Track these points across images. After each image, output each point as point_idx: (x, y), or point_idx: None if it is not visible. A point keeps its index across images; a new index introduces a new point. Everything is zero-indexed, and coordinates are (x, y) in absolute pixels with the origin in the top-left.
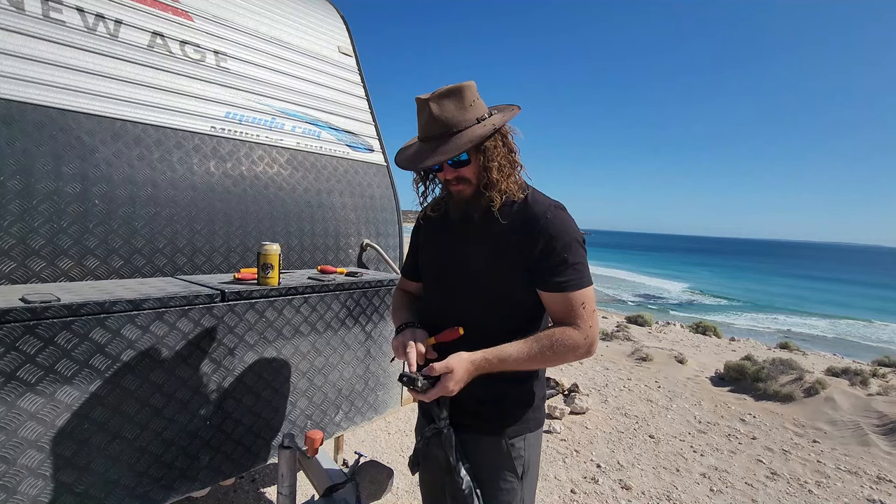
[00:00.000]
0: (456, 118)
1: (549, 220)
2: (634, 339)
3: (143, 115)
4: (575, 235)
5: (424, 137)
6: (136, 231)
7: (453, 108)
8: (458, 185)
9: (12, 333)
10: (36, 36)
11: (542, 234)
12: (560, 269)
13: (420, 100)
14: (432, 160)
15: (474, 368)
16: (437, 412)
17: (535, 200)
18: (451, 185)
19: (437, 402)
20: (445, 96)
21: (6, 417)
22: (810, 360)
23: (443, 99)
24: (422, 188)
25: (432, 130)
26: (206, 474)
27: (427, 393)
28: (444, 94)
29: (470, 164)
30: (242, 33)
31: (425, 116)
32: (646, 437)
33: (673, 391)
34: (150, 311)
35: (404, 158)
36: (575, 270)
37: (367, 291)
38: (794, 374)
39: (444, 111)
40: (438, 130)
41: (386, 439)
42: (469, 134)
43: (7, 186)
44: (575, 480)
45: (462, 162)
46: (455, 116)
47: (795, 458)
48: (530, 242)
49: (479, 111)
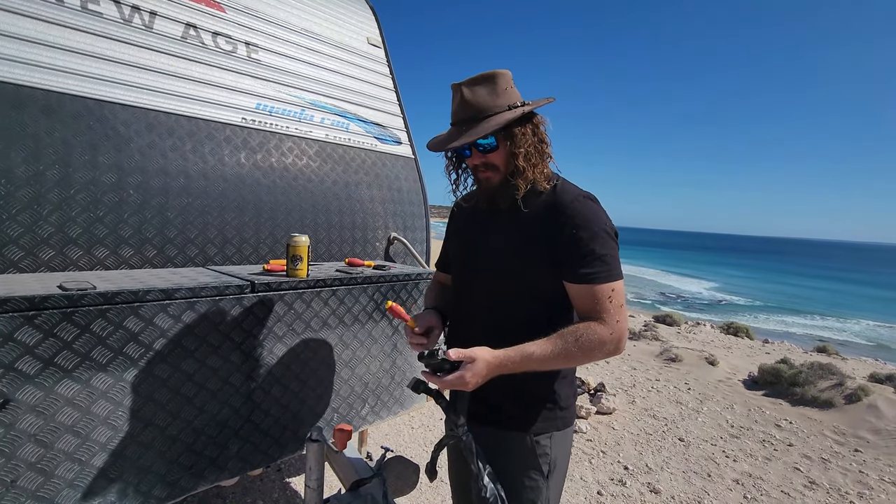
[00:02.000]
0: (487, 103)
1: (576, 210)
2: (663, 338)
3: (176, 105)
4: (604, 226)
5: (455, 122)
6: (168, 221)
7: (485, 94)
8: (486, 172)
9: (51, 320)
10: (74, 27)
11: (568, 223)
12: (587, 260)
13: (454, 85)
14: (460, 142)
15: (496, 365)
16: (454, 419)
17: (563, 190)
18: (479, 172)
19: (454, 408)
20: (478, 82)
21: (44, 402)
22: (850, 364)
23: (475, 84)
24: (453, 175)
25: (463, 114)
26: (234, 464)
27: (443, 379)
28: (477, 79)
29: (498, 150)
30: (273, 24)
31: (457, 100)
32: (675, 439)
33: (703, 393)
34: (182, 301)
35: (434, 142)
36: (603, 262)
37: (394, 285)
38: (834, 380)
39: (475, 96)
40: (469, 114)
41: (409, 433)
42: (498, 119)
43: (46, 176)
44: (602, 482)
45: (490, 148)
46: (486, 101)
47: (836, 467)
48: (556, 232)
49: (512, 99)
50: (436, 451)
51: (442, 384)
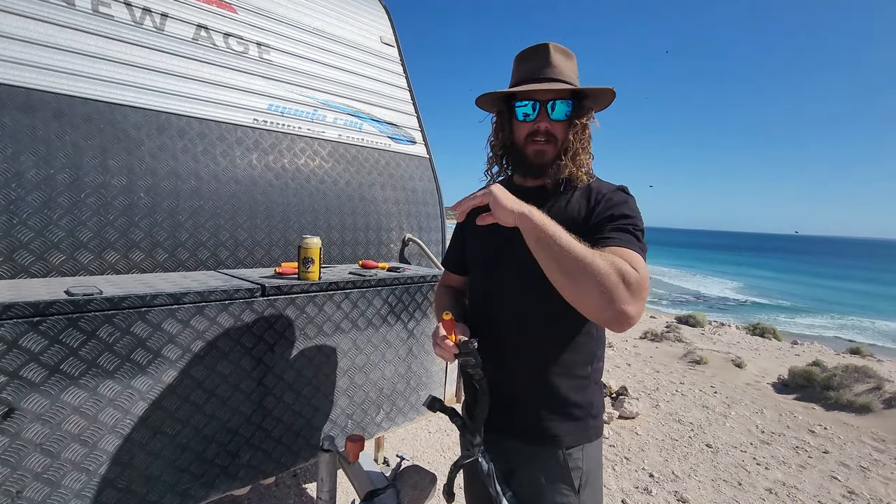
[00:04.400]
0: (569, 73)
1: (611, 199)
2: (686, 340)
3: (187, 107)
4: (638, 217)
5: (537, 78)
6: (180, 224)
7: (570, 65)
8: (543, 144)
9: (56, 326)
10: (86, 30)
11: (603, 205)
12: (619, 232)
13: (542, 45)
14: (550, 85)
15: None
16: (469, 438)
17: (598, 183)
18: (534, 143)
19: (470, 429)
20: (563, 52)
21: (50, 411)
22: (886, 367)
23: (560, 52)
24: (495, 168)
25: (547, 71)
26: (246, 472)
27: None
28: (562, 49)
29: (565, 122)
30: (285, 24)
31: (541, 58)
32: (702, 445)
33: (731, 397)
34: (191, 305)
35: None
36: (636, 239)
37: (409, 287)
38: (872, 383)
39: (564, 60)
40: (553, 74)
41: (426, 438)
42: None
43: (57, 179)
44: (626, 490)
45: (565, 114)
46: (570, 70)
47: (876, 475)
48: (591, 214)
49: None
50: (453, 472)
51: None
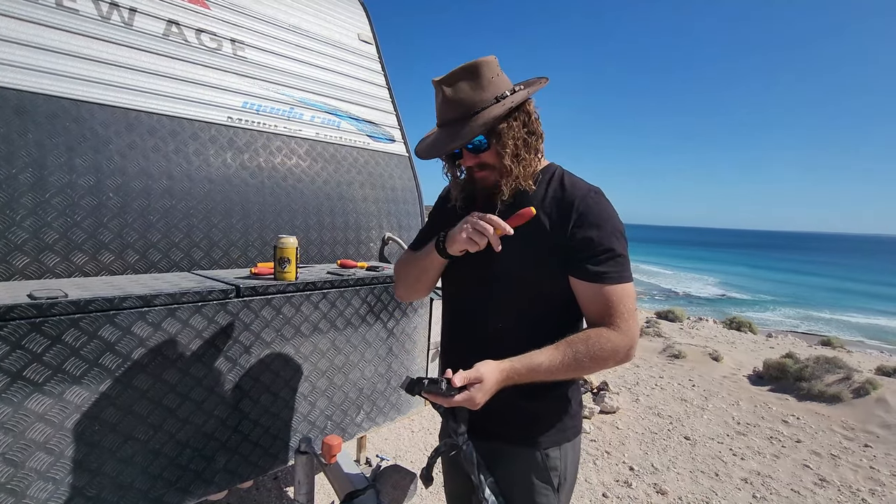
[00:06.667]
0: (472, 99)
1: (588, 206)
2: (665, 335)
3: (157, 105)
4: (617, 225)
5: (441, 122)
6: (151, 225)
7: (468, 89)
8: (482, 172)
9: (18, 331)
10: (49, 25)
11: (579, 219)
12: (601, 258)
13: (435, 82)
14: (448, 147)
15: (503, 379)
16: (453, 426)
17: (572, 184)
18: (474, 173)
19: (454, 416)
20: (460, 77)
21: (13, 419)
22: (856, 358)
23: (456, 80)
24: (450, 177)
25: (448, 114)
26: (222, 477)
27: (452, 399)
28: (458, 74)
29: (491, 148)
30: (260, 21)
31: (440, 99)
32: (681, 438)
33: (708, 390)
34: (162, 308)
35: (422, 147)
36: (617, 263)
37: (388, 286)
38: (841, 374)
39: (458, 93)
40: (454, 114)
41: (409, 437)
42: (486, 115)
43: (19, 179)
44: (607, 484)
45: (482, 147)
46: (471, 97)
47: (846, 463)
48: (566, 228)
49: (499, 88)
50: (432, 458)
51: (450, 404)
